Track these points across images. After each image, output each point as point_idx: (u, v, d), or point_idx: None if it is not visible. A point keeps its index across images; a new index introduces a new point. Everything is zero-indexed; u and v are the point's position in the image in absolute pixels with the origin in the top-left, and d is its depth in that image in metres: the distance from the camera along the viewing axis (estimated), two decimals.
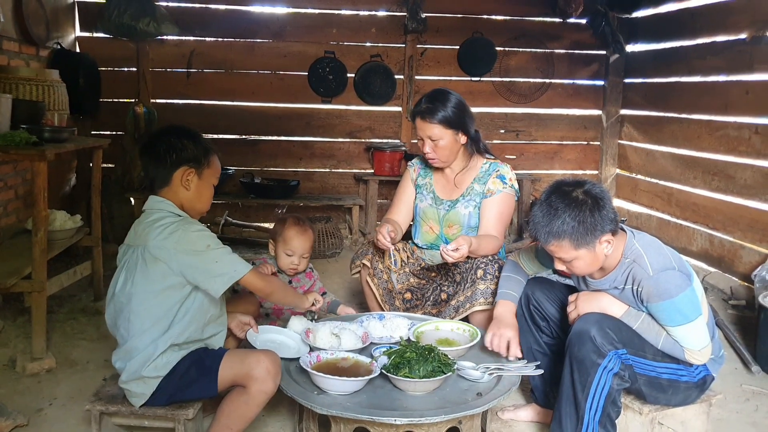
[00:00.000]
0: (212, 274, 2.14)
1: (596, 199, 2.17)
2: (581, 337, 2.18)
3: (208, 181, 2.32)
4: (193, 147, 2.27)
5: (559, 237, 2.16)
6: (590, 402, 2.18)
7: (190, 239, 2.15)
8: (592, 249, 2.18)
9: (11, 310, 3.66)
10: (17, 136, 3.02)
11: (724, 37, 4.91)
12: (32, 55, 4.60)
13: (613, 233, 2.21)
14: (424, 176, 3.29)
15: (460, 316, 2.87)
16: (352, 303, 3.98)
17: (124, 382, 2.19)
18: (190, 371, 2.18)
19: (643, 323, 2.24)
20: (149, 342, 2.15)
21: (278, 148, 6.12)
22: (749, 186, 4.57)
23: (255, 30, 5.89)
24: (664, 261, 2.22)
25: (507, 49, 6.20)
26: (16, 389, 2.87)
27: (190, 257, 2.13)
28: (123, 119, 5.44)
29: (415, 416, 2.04)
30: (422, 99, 3.07)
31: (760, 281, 3.93)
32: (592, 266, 2.26)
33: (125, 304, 2.18)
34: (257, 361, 2.15)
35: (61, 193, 5.13)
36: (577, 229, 2.14)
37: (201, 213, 2.35)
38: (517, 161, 6.36)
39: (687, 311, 2.16)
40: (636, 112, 6.24)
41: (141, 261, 2.15)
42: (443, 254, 2.74)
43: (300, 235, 2.97)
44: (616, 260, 2.28)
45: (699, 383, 2.33)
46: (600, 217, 2.15)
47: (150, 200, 2.27)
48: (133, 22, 5.27)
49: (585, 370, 2.17)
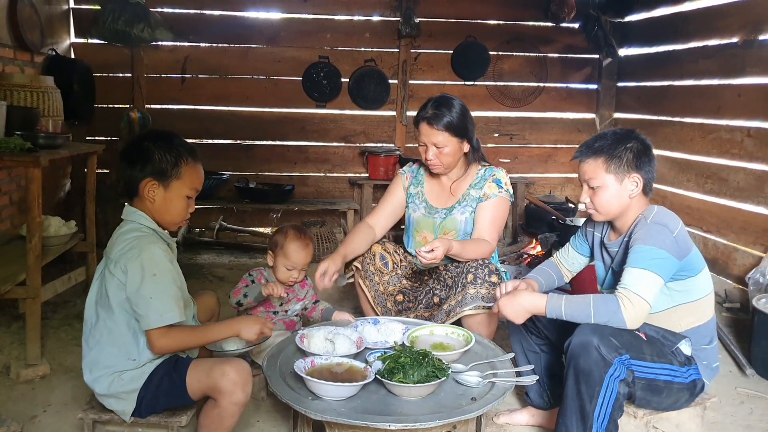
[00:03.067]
0: (141, 307, 2.03)
1: (644, 146, 2.32)
2: (585, 348, 2.14)
3: (178, 192, 2.17)
4: (160, 158, 2.13)
5: (597, 153, 2.32)
6: (598, 411, 2.15)
7: (140, 261, 2.04)
8: (620, 180, 2.30)
9: (5, 317, 3.65)
10: (11, 142, 3.01)
11: (716, 41, 4.94)
12: (27, 62, 4.60)
13: (644, 189, 2.32)
14: (416, 185, 3.25)
15: (451, 320, 2.86)
16: (347, 308, 3.98)
17: (103, 400, 2.16)
18: (163, 381, 2.13)
19: (567, 301, 2.23)
20: (108, 359, 2.11)
21: (273, 152, 6.13)
22: (742, 188, 4.59)
23: (249, 35, 5.90)
24: (668, 222, 2.26)
25: (500, 53, 6.23)
26: (10, 396, 2.86)
27: (135, 279, 2.03)
28: (118, 125, 5.44)
29: (410, 421, 2.03)
30: (427, 104, 3.01)
31: (754, 284, 3.95)
32: (612, 203, 2.33)
33: (91, 315, 2.15)
34: (222, 373, 2.08)
35: (56, 198, 5.12)
36: (614, 153, 2.29)
37: (175, 224, 2.24)
38: (511, 165, 6.39)
39: (657, 264, 2.16)
40: (629, 115, 6.26)
41: (108, 273, 2.10)
42: (418, 255, 2.74)
43: (302, 250, 2.88)
44: (632, 220, 2.34)
45: (689, 385, 2.33)
46: (638, 158, 2.29)
47: (126, 210, 2.20)
48: (128, 28, 5.28)
49: (592, 380, 2.14)
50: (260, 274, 2.94)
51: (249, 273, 2.95)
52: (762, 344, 3.31)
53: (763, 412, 2.94)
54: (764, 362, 3.30)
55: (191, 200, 2.24)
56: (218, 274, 4.85)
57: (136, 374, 2.12)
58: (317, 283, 2.85)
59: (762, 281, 3.90)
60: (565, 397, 2.23)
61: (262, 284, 2.79)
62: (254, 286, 2.80)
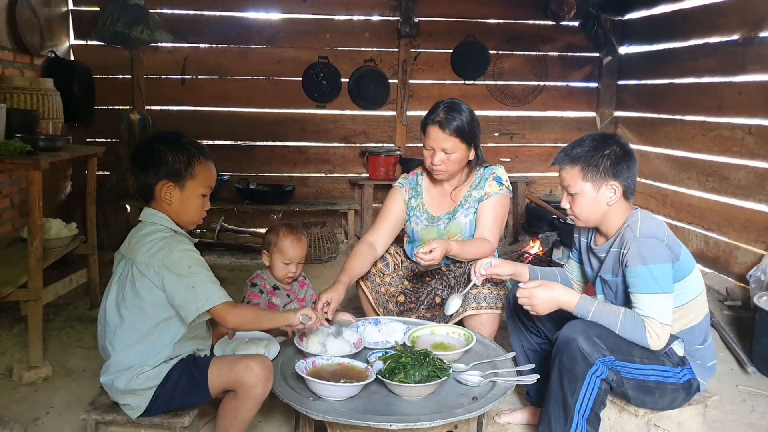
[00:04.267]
0: (186, 299, 2.09)
1: (624, 151, 2.30)
2: (569, 346, 2.20)
3: (193, 192, 2.22)
4: (173, 159, 2.17)
5: (574, 161, 2.30)
6: (579, 405, 2.21)
7: (173, 258, 2.10)
8: (597, 189, 2.28)
9: (7, 319, 3.66)
10: (12, 145, 3.02)
11: (716, 39, 4.93)
12: (26, 64, 4.60)
13: (624, 195, 2.30)
14: (416, 197, 3.17)
15: (453, 320, 2.87)
16: (349, 308, 3.98)
17: (118, 397, 2.19)
18: (181, 380, 2.18)
19: (598, 308, 2.25)
20: (134, 358, 2.14)
21: (273, 153, 6.13)
22: (743, 186, 4.58)
23: (249, 36, 5.91)
24: (656, 231, 2.25)
25: (500, 52, 6.22)
26: (13, 398, 2.86)
27: (171, 277, 2.09)
28: (118, 126, 5.45)
29: (411, 421, 2.04)
30: (438, 108, 2.93)
31: (755, 282, 3.94)
32: (590, 210, 2.32)
33: (113, 318, 2.17)
34: (246, 367, 2.14)
35: (57, 201, 5.12)
36: (591, 161, 2.28)
37: (194, 223, 2.30)
38: (511, 164, 6.38)
39: (661, 281, 2.17)
40: (630, 113, 6.26)
41: (130, 275, 2.14)
42: (417, 257, 2.73)
43: (296, 244, 2.94)
44: (618, 225, 2.33)
45: (685, 385, 2.34)
46: (617, 165, 2.27)
47: (144, 212, 2.24)
48: (127, 30, 5.27)
49: (574, 377, 2.20)
50: (262, 280, 2.95)
51: (252, 283, 2.95)
52: (763, 342, 3.31)
53: (765, 410, 2.94)
54: (765, 360, 3.30)
55: (206, 198, 2.29)
56: (219, 275, 4.79)
57: (154, 373, 2.16)
58: (317, 314, 2.41)
59: (763, 279, 3.90)
60: (549, 387, 2.28)
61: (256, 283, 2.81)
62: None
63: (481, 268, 2.66)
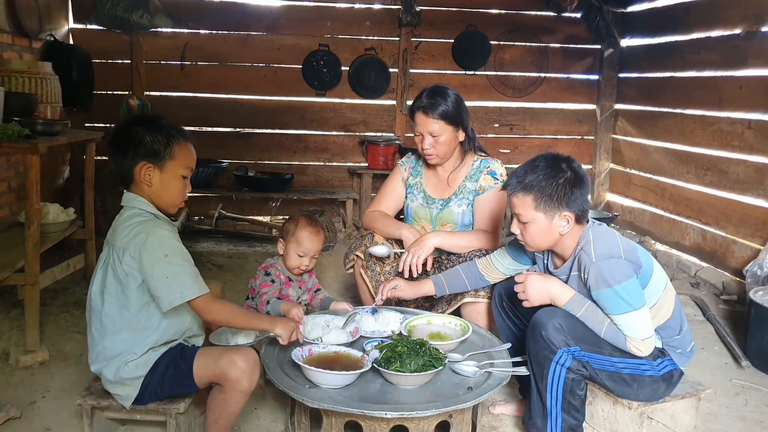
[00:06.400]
0: (160, 289, 2.05)
1: (577, 177, 2.23)
2: (534, 332, 2.25)
3: (173, 173, 2.18)
4: (151, 140, 2.13)
5: (527, 190, 2.22)
6: (550, 392, 2.26)
7: (150, 244, 2.06)
8: (550, 219, 2.22)
9: (4, 303, 3.66)
10: (9, 129, 3.01)
11: (718, 32, 4.92)
12: (25, 48, 4.58)
13: (578, 220, 2.24)
14: (415, 176, 3.26)
15: (451, 308, 2.90)
16: (346, 297, 3.99)
17: (109, 387, 2.19)
18: (168, 370, 2.17)
19: (587, 311, 2.25)
20: (120, 346, 2.14)
21: (272, 141, 6.12)
22: (742, 181, 4.58)
23: (249, 23, 5.87)
24: (611, 249, 2.21)
25: (501, 42, 6.20)
26: (9, 382, 2.87)
27: (147, 262, 2.06)
28: (117, 112, 5.42)
29: (406, 410, 2.05)
30: (422, 94, 3.03)
31: (751, 276, 3.95)
32: (542, 238, 2.28)
33: (98, 304, 2.16)
34: (230, 361, 2.12)
35: (55, 185, 5.11)
36: (545, 190, 2.19)
37: (175, 206, 2.25)
38: (511, 155, 6.37)
39: (629, 299, 2.16)
40: (630, 106, 6.25)
41: (111, 261, 2.12)
42: (411, 267, 2.85)
43: (314, 236, 2.87)
44: (572, 248, 2.30)
45: (665, 377, 2.34)
46: (570, 193, 2.20)
47: (125, 196, 2.21)
48: (127, 15, 5.25)
49: (539, 363, 2.26)
50: (276, 270, 2.89)
51: (266, 272, 2.87)
52: (758, 336, 3.32)
53: (758, 404, 2.95)
54: (760, 354, 3.31)
55: (187, 180, 2.25)
56: (217, 262, 4.86)
57: (141, 361, 2.15)
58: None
59: (759, 273, 3.91)
60: (529, 371, 2.34)
61: (281, 302, 2.71)
62: (275, 302, 2.73)
63: (386, 290, 2.76)
